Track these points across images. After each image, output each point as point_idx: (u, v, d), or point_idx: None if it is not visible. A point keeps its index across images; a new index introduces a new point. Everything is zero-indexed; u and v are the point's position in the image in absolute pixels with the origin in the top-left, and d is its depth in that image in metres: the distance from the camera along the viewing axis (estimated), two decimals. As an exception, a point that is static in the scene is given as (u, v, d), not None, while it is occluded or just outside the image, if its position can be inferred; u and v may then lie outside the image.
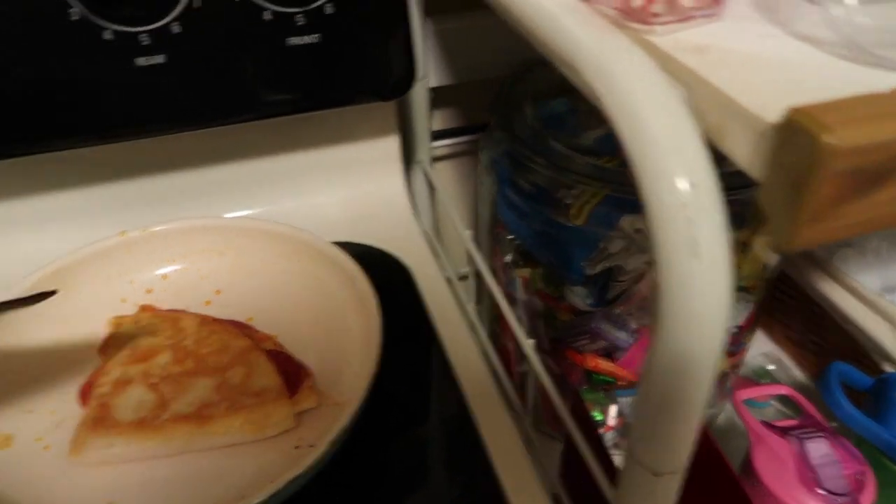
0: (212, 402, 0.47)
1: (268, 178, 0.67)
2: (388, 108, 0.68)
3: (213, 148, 0.64)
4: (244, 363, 0.50)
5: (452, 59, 0.74)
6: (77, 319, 0.55)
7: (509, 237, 0.74)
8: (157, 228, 0.58)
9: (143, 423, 0.46)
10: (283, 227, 0.58)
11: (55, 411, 0.49)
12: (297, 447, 0.46)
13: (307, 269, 0.57)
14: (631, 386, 0.77)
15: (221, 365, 0.50)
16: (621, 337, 0.72)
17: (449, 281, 0.64)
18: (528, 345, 0.59)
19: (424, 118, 0.73)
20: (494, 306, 0.74)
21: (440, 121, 0.83)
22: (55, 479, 0.45)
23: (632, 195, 0.26)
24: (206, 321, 0.54)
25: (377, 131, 0.69)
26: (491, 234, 0.79)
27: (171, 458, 0.46)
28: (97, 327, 0.55)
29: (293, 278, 0.58)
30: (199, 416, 0.46)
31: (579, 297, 0.71)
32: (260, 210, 0.67)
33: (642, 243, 0.64)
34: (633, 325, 0.74)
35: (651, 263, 0.25)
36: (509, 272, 0.76)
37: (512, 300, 0.77)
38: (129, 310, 0.56)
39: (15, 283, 0.52)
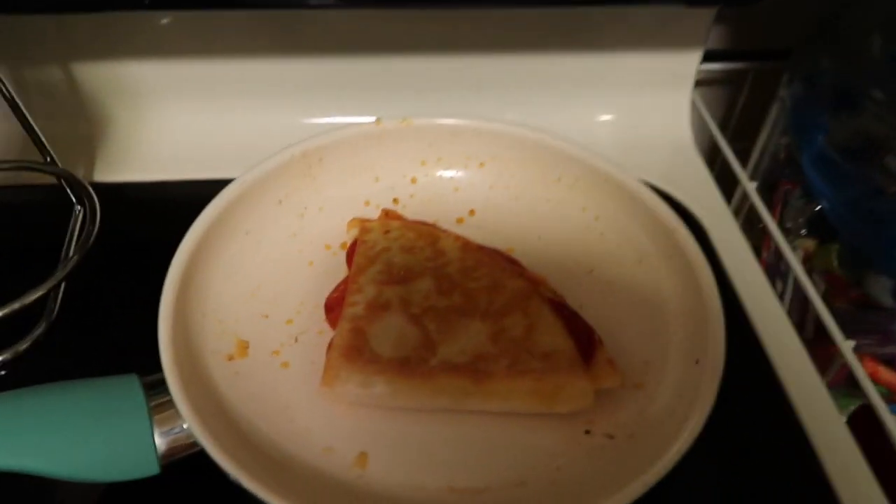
0: (488, 355, 0.37)
1: (535, 81, 0.55)
2: (701, 18, 0.53)
3: (484, 36, 0.52)
4: (524, 312, 0.39)
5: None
6: (315, 213, 0.46)
7: (803, 199, 0.60)
8: (418, 122, 0.47)
9: (408, 366, 0.37)
10: (571, 145, 0.46)
11: (292, 321, 0.42)
12: (587, 432, 0.37)
13: (597, 203, 0.46)
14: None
15: (496, 308, 0.40)
16: None
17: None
18: (846, 346, 0.47)
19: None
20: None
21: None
22: (296, 405, 0.37)
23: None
24: (468, 246, 0.44)
25: (675, 44, 0.55)
26: (770, 191, 0.64)
27: (430, 415, 0.37)
28: (336, 224, 0.46)
29: (572, 212, 0.47)
30: (475, 370, 0.37)
31: (885, 289, 0.56)
32: (517, 117, 0.55)
33: None
34: (941, 338, 0.59)
35: None
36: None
37: (775, 272, 0.63)
38: (371, 214, 0.47)
39: (257, 164, 0.44)
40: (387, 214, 0.47)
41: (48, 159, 0.48)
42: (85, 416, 0.31)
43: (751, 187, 0.58)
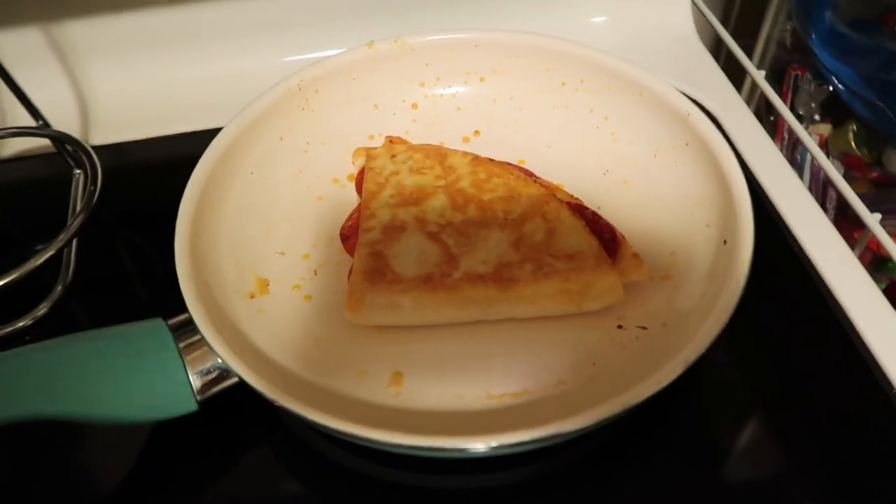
0: (511, 262, 0.37)
1: None
2: None
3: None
4: (542, 216, 0.39)
5: None
6: (318, 147, 0.45)
7: (814, 82, 0.58)
8: (412, 40, 0.46)
9: (432, 281, 0.36)
10: (572, 45, 0.44)
11: (309, 255, 0.41)
12: (620, 326, 0.36)
13: (605, 103, 0.44)
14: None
15: (514, 216, 0.39)
16: None
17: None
18: (871, 219, 0.45)
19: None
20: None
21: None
22: (325, 336, 0.37)
23: None
24: (478, 160, 0.43)
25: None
26: (779, 80, 0.62)
27: (459, 328, 0.37)
28: (341, 157, 0.45)
29: (580, 115, 0.45)
30: (500, 277, 0.36)
31: (907, 164, 0.55)
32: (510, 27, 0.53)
33: None
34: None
35: None
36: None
37: (792, 163, 0.62)
38: (374, 145, 0.46)
39: (253, 100, 0.43)
40: (391, 141, 0.46)
41: (41, 123, 0.47)
42: (117, 359, 0.31)
43: (759, 75, 0.56)
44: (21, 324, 0.40)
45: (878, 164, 0.57)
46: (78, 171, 0.47)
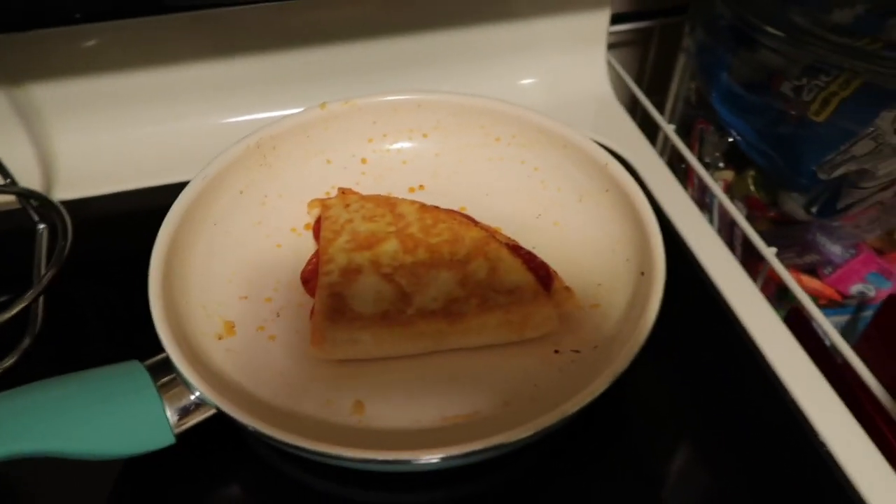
0: (459, 298, 0.41)
1: (456, 54, 0.59)
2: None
3: (396, 16, 0.56)
4: (484, 256, 0.43)
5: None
6: (275, 200, 0.49)
7: (717, 134, 0.66)
8: (361, 101, 0.50)
9: (388, 317, 0.40)
10: (505, 105, 0.50)
11: (271, 299, 0.44)
12: (556, 351, 0.41)
13: (534, 155, 0.50)
14: (833, 306, 0.70)
15: (459, 257, 0.43)
16: (835, 252, 0.64)
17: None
18: (769, 252, 0.52)
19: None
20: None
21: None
22: (290, 371, 0.40)
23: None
24: (425, 207, 0.47)
25: (584, 7, 0.60)
26: (687, 133, 0.70)
27: (414, 359, 0.41)
28: (297, 208, 0.49)
29: (513, 166, 0.51)
30: (449, 312, 0.40)
31: (798, 204, 0.63)
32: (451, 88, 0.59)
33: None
34: (851, 241, 0.66)
35: None
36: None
37: (702, 205, 0.69)
38: (325, 194, 0.50)
39: (216, 157, 0.46)
40: (343, 192, 0.50)
41: (8, 181, 0.49)
42: (97, 398, 0.33)
43: (670, 129, 0.63)
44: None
45: (775, 204, 0.64)
46: (42, 226, 0.49)
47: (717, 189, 0.57)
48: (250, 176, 0.48)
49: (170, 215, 0.42)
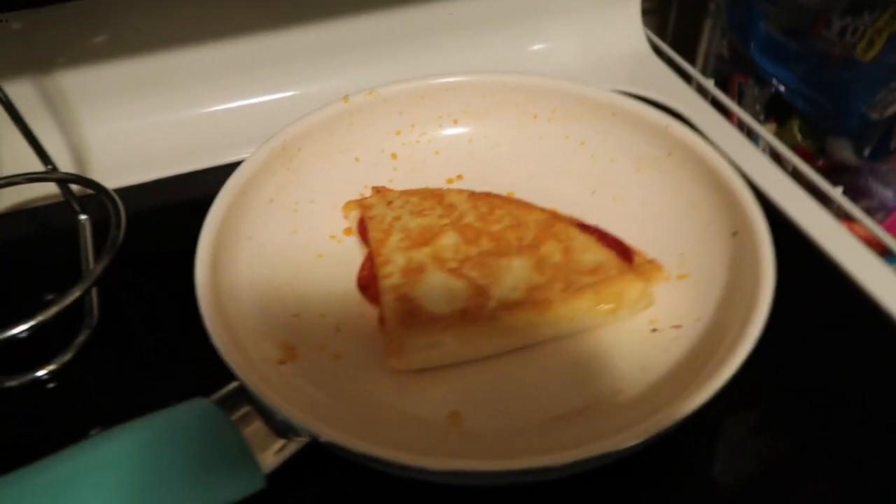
0: (540, 284, 0.37)
1: (490, 22, 0.55)
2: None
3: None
4: (554, 238, 0.40)
5: None
6: (307, 206, 0.44)
7: (757, 87, 0.64)
8: (385, 90, 0.46)
9: (469, 315, 0.36)
10: (539, 78, 0.47)
11: (325, 314, 0.40)
12: (654, 330, 0.37)
13: (578, 127, 0.46)
14: (888, 253, 0.69)
15: (527, 242, 0.40)
16: (888, 196, 0.63)
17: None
18: (835, 193, 0.50)
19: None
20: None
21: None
22: (368, 390, 0.35)
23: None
24: (476, 195, 0.43)
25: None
26: (723, 89, 0.68)
27: (503, 358, 0.37)
28: (332, 215, 0.44)
29: (557, 143, 0.47)
30: (534, 301, 0.36)
31: (847, 149, 0.61)
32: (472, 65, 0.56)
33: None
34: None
35: None
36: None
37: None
38: (359, 195, 0.46)
39: (240, 166, 0.41)
40: (378, 192, 0.46)
41: (50, 167, 0.45)
42: (171, 451, 0.28)
43: (710, 84, 0.60)
44: (48, 369, 0.38)
45: (822, 152, 0.62)
46: (84, 217, 0.46)
47: (770, 137, 0.54)
48: (277, 182, 0.43)
49: (203, 235, 0.37)
